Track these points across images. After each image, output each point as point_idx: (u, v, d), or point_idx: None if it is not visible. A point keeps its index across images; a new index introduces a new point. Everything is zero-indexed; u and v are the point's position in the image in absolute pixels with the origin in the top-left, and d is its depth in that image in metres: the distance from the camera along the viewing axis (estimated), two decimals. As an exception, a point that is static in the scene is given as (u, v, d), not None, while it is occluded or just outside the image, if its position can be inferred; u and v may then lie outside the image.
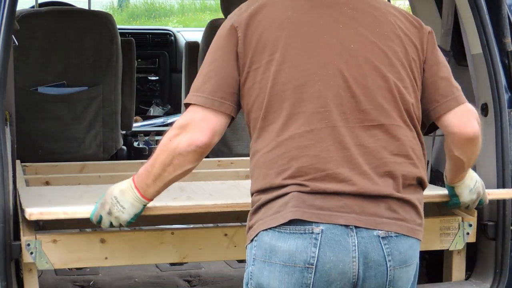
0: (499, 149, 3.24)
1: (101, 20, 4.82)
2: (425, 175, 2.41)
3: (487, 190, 3.13)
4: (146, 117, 6.53)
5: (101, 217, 2.67)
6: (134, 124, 5.44)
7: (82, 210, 2.82)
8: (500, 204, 3.25)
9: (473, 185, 2.99)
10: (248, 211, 2.41)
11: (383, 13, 2.43)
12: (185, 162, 2.39)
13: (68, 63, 4.79)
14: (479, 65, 3.37)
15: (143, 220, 2.98)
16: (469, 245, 3.36)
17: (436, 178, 3.90)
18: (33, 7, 6.40)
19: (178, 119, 2.42)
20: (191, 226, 3.21)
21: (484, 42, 3.28)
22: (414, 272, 2.42)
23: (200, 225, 3.30)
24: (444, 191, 3.09)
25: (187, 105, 2.41)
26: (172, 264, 3.80)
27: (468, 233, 3.31)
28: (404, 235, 2.31)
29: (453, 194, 3.02)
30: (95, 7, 8.82)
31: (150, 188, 2.52)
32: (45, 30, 4.75)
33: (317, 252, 2.23)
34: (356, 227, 2.25)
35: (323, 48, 2.35)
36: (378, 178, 2.30)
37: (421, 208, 2.38)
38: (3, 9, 2.88)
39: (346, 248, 2.25)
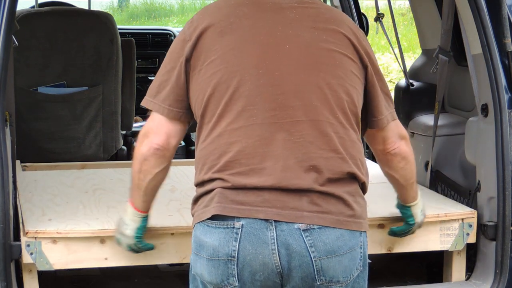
0: (499, 149, 3.24)
1: (101, 20, 4.82)
2: (358, 170, 2.45)
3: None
4: (146, 117, 6.50)
5: (119, 240, 2.85)
6: (134, 124, 5.43)
7: (74, 229, 2.95)
8: (500, 204, 3.24)
9: (422, 205, 3.06)
10: None
11: (328, 18, 2.51)
12: (150, 166, 2.56)
13: (68, 63, 4.79)
14: (479, 66, 3.37)
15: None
16: (469, 246, 3.36)
17: (437, 178, 3.90)
18: (33, 7, 6.39)
19: (142, 128, 2.59)
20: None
21: (484, 43, 3.27)
22: (360, 262, 2.45)
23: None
24: (392, 214, 3.12)
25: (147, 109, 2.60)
26: (171, 265, 3.80)
27: (468, 234, 3.31)
28: (329, 226, 2.37)
29: (409, 215, 3.05)
30: (95, 7, 8.82)
31: (136, 200, 2.70)
32: (45, 30, 4.75)
33: (237, 245, 2.35)
34: (275, 221, 2.35)
35: (257, 49, 2.45)
36: (302, 172, 2.38)
37: (352, 200, 2.42)
38: (3, 9, 2.88)
39: (265, 241, 2.34)
